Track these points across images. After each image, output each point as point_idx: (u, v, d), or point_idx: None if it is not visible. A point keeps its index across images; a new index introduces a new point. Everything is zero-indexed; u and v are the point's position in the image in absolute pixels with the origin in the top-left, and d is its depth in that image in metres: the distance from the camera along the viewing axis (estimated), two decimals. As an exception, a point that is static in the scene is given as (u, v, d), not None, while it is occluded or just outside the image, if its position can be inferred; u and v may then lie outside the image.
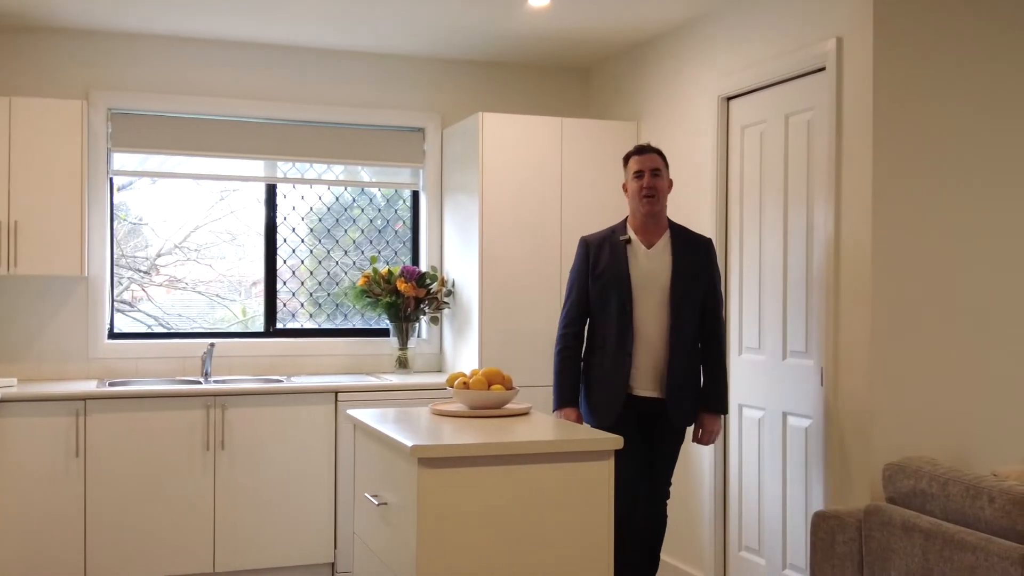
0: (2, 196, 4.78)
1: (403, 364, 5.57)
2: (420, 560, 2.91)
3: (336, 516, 4.96)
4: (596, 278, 3.86)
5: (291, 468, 4.90)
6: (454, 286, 5.55)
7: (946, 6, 3.79)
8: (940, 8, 3.79)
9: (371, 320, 5.80)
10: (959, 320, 3.82)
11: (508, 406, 3.60)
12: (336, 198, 5.83)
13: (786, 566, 4.19)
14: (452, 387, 3.61)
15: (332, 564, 4.98)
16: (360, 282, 5.54)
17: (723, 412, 3.96)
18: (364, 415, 3.60)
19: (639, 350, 3.79)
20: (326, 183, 5.78)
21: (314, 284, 5.78)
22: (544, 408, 5.09)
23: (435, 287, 5.59)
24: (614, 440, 3.16)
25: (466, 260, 5.36)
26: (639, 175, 3.85)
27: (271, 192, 5.66)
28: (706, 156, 4.76)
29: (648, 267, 3.82)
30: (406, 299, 5.48)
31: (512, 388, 3.62)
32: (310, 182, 5.73)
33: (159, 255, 5.64)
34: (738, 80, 4.51)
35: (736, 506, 4.55)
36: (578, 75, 6.05)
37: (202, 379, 5.15)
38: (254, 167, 5.61)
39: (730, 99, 4.64)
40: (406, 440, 2.98)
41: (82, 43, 5.22)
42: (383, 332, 5.76)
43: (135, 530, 4.67)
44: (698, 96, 4.84)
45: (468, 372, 3.71)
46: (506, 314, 5.19)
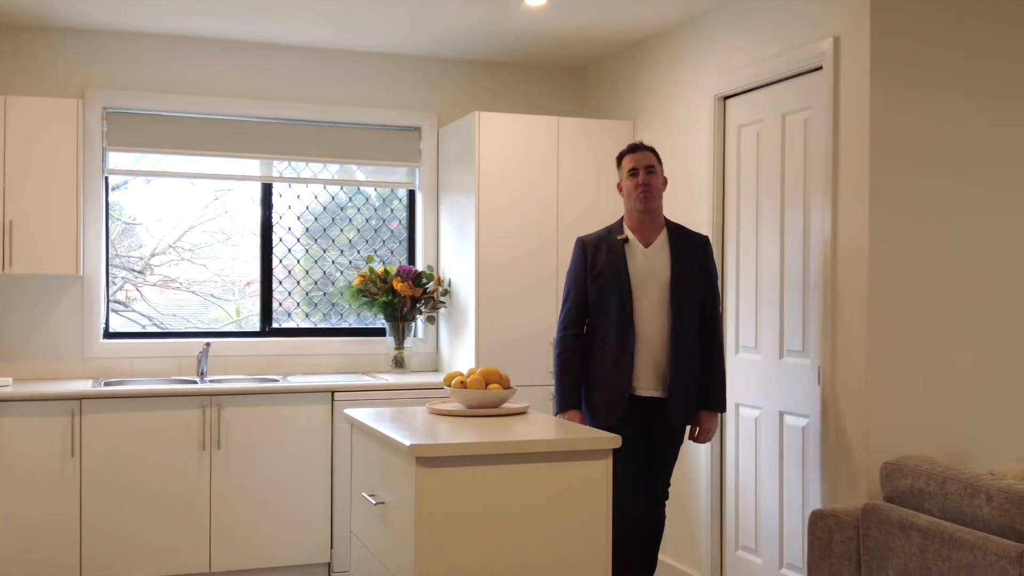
0: (-3, 195, 4.78)
1: (399, 364, 5.56)
2: (418, 559, 2.90)
3: (332, 516, 4.95)
4: (595, 278, 3.83)
5: (287, 468, 4.89)
6: (450, 285, 5.55)
7: (944, 5, 3.80)
8: (938, 7, 3.79)
9: (367, 320, 5.80)
10: (956, 318, 3.82)
11: (505, 405, 3.60)
12: (332, 197, 5.83)
13: (783, 565, 4.19)
14: (450, 386, 3.60)
15: (328, 564, 4.98)
16: (356, 281, 5.53)
17: (721, 411, 3.96)
18: (361, 414, 3.59)
19: (640, 350, 3.76)
20: (322, 182, 5.77)
21: (310, 284, 5.77)
22: (541, 407, 5.10)
23: (431, 286, 5.58)
24: (612, 439, 3.15)
25: (462, 259, 5.36)
26: (634, 173, 3.83)
27: (267, 191, 5.65)
28: (702, 155, 4.76)
29: (647, 266, 3.80)
30: (402, 298, 5.48)
31: (510, 387, 3.61)
32: (306, 181, 5.72)
33: (153, 255, 5.63)
34: (735, 79, 4.51)
35: (733, 505, 4.55)
36: (575, 74, 6.05)
37: (198, 379, 5.14)
38: (250, 166, 5.60)
39: (727, 98, 4.64)
40: (404, 439, 2.97)
41: (78, 42, 5.21)
42: (379, 332, 5.75)
43: (131, 530, 4.66)
44: (694, 95, 4.84)
45: (465, 371, 3.70)
46: (503, 313, 5.18)
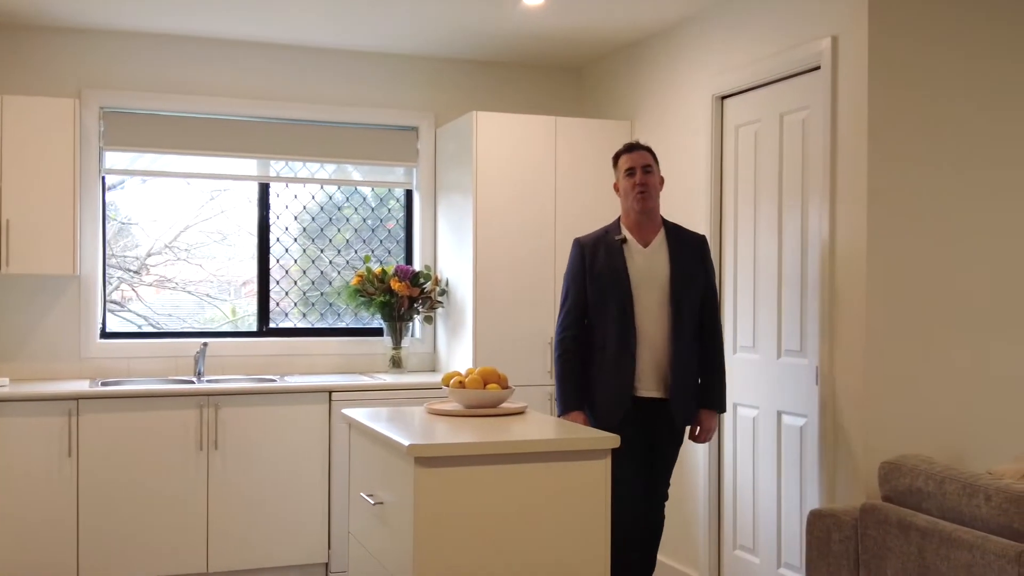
0: (-6, 195, 4.77)
1: (397, 363, 5.56)
2: (417, 559, 2.90)
3: (330, 516, 4.95)
4: (594, 279, 3.80)
5: (285, 468, 4.89)
6: (448, 285, 5.54)
7: (942, 5, 3.80)
8: (936, 7, 3.79)
9: (364, 320, 5.79)
10: (954, 318, 3.82)
11: (504, 405, 3.59)
12: (329, 197, 5.82)
13: (781, 565, 4.19)
14: (448, 386, 3.60)
15: (326, 564, 4.97)
16: (354, 281, 5.53)
17: (721, 410, 3.95)
18: (359, 414, 3.58)
19: (641, 350, 3.74)
20: (320, 182, 5.76)
21: (307, 283, 5.76)
22: (540, 407, 5.10)
23: (429, 286, 5.58)
24: (611, 439, 3.15)
25: (460, 259, 5.35)
26: (631, 172, 3.82)
27: (264, 191, 5.65)
28: (700, 155, 4.75)
29: (646, 265, 3.79)
30: (400, 298, 5.47)
31: (508, 387, 3.61)
32: (304, 181, 5.71)
33: (149, 255, 5.62)
34: (732, 79, 4.51)
35: (731, 505, 4.55)
36: (572, 74, 6.05)
37: (195, 379, 5.13)
38: (247, 166, 5.60)
39: (724, 98, 4.64)
40: (403, 439, 2.97)
41: (74, 41, 5.19)
42: (376, 332, 5.74)
43: (128, 530, 4.65)
44: (692, 95, 4.84)
45: (463, 371, 3.70)
46: (500, 313, 5.18)
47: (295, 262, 5.74)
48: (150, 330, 5.53)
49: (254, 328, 5.64)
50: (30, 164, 4.81)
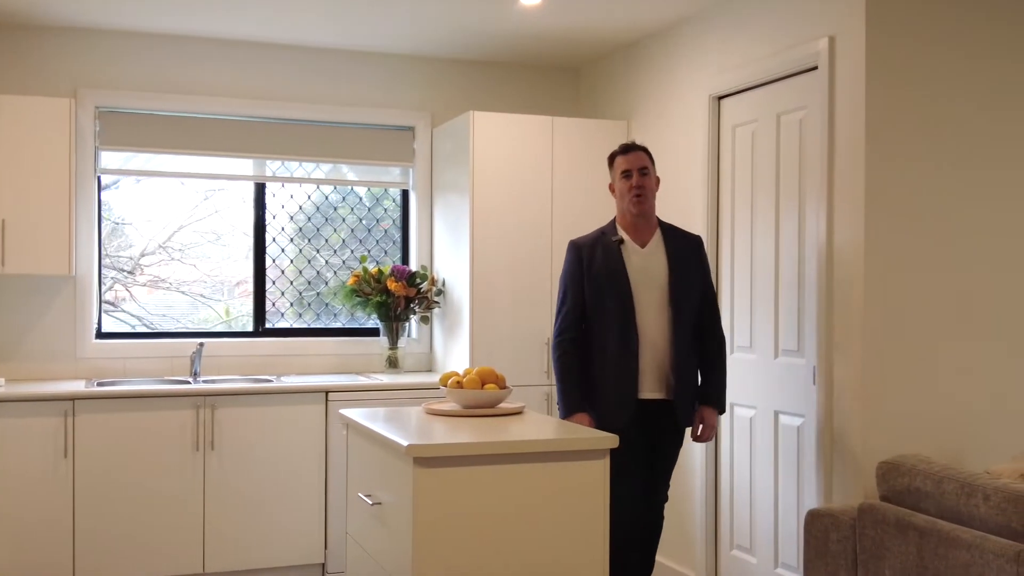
0: (-11, 194, 4.76)
1: (393, 364, 5.55)
2: (416, 560, 2.89)
3: (327, 516, 4.94)
4: (592, 280, 3.77)
5: (281, 468, 4.88)
6: (444, 285, 5.54)
7: (939, 5, 3.80)
8: (933, 7, 3.80)
9: (360, 320, 5.78)
10: (952, 318, 3.83)
11: (501, 405, 3.59)
12: (326, 197, 5.81)
13: (778, 565, 4.20)
14: (446, 386, 3.59)
15: (322, 564, 4.96)
16: (350, 281, 5.52)
17: (721, 410, 3.92)
18: (357, 415, 3.58)
19: (643, 351, 3.72)
20: (316, 181, 5.75)
21: (303, 284, 5.75)
22: (537, 407, 5.09)
23: (425, 286, 5.57)
24: (609, 439, 3.15)
25: (457, 259, 5.35)
26: (627, 175, 3.80)
27: (260, 191, 5.63)
28: (697, 155, 4.76)
29: (645, 266, 3.77)
30: (396, 298, 5.46)
31: (505, 387, 3.61)
32: (300, 180, 5.71)
33: (143, 255, 5.60)
34: (729, 79, 4.51)
35: (728, 505, 4.55)
36: (569, 74, 6.05)
37: (191, 379, 5.12)
38: (243, 166, 5.58)
39: (721, 98, 4.64)
40: (401, 439, 2.96)
41: (70, 41, 5.18)
42: (372, 332, 5.74)
43: (124, 531, 4.64)
44: (689, 95, 4.84)
45: (460, 371, 3.69)
46: (497, 313, 5.18)
47: (291, 262, 5.73)
48: (144, 330, 5.52)
49: (248, 328, 5.63)
50: (26, 164, 4.80)
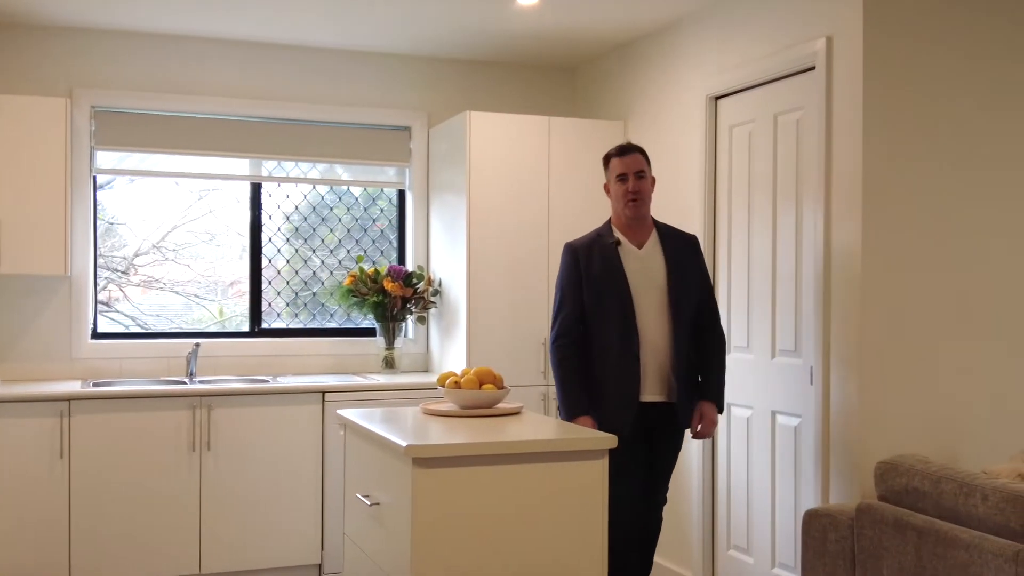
0: (-16, 194, 4.74)
1: (390, 364, 5.54)
2: (414, 560, 2.89)
3: (323, 517, 4.93)
4: (591, 283, 3.73)
5: (278, 469, 4.87)
6: (441, 285, 5.53)
7: (937, 4, 3.81)
8: (931, 7, 3.80)
9: (356, 320, 5.78)
10: (949, 318, 3.83)
11: (499, 405, 3.58)
12: (321, 196, 5.80)
13: (775, 565, 4.20)
14: (443, 386, 3.58)
15: (319, 565, 4.95)
16: (347, 281, 5.51)
17: (720, 409, 3.89)
18: (355, 415, 3.57)
19: (644, 352, 3.69)
20: (312, 181, 5.74)
21: (298, 284, 5.74)
22: (534, 408, 5.09)
23: (422, 286, 5.57)
24: (608, 439, 3.14)
25: (453, 259, 5.34)
26: (622, 179, 3.76)
27: (256, 191, 5.62)
28: (694, 156, 4.76)
29: (643, 267, 3.75)
30: (393, 299, 5.46)
31: (503, 387, 3.60)
32: (296, 180, 5.69)
33: (136, 255, 5.59)
34: (726, 79, 4.51)
35: (724, 505, 4.56)
36: (566, 74, 6.04)
37: (187, 379, 5.11)
38: (239, 166, 5.57)
39: (718, 98, 4.64)
40: (400, 440, 2.96)
41: (66, 40, 5.16)
42: (369, 332, 5.73)
43: (120, 532, 4.63)
44: (686, 95, 4.84)
45: (457, 371, 3.69)
46: (494, 313, 5.17)
47: (287, 262, 5.72)
48: (138, 330, 5.50)
49: (242, 328, 5.61)
50: (21, 164, 4.78)
